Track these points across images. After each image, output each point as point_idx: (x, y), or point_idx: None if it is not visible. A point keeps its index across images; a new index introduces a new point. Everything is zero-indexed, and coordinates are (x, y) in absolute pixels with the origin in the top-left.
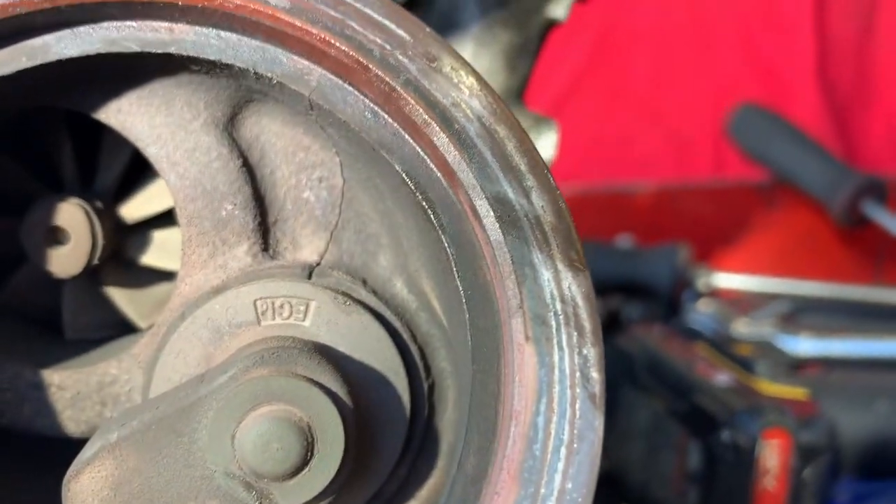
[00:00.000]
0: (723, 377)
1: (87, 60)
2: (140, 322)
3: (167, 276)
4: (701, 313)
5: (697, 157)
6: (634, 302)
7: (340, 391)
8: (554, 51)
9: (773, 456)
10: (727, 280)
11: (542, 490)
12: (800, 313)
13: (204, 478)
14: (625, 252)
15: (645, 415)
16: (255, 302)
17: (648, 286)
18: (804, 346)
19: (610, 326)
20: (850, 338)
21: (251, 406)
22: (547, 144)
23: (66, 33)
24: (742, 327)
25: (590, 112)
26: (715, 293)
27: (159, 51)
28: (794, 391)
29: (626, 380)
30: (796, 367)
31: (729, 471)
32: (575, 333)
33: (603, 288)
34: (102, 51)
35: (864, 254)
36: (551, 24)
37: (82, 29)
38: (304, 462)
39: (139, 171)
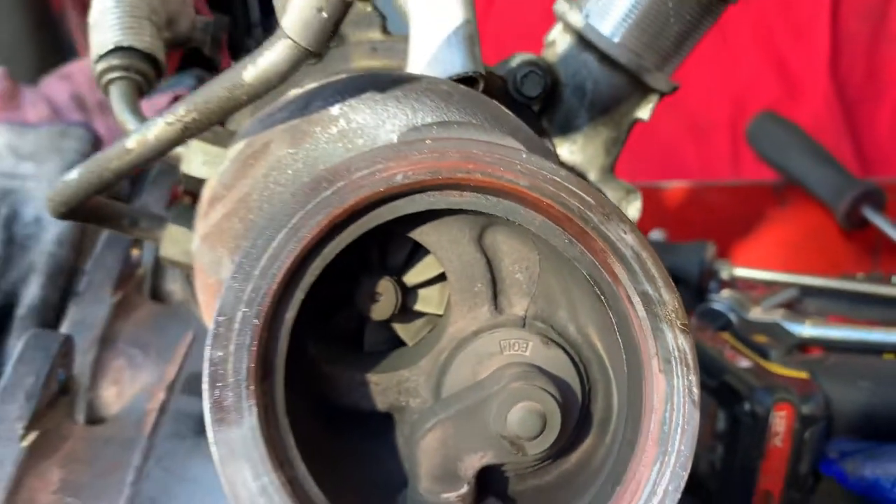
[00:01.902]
0: (745, 362)
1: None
2: (407, 341)
3: (423, 315)
4: (722, 300)
5: (716, 152)
6: None
7: (557, 395)
8: None
9: (781, 423)
10: (744, 272)
11: (669, 448)
12: (804, 301)
13: (487, 438)
14: (658, 246)
15: None
16: (499, 342)
17: (679, 277)
18: (808, 330)
19: None
20: (846, 326)
21: (515, 402)
22: (633, 209)
23: (406, 199)
24: (756, 313)
25: None
26: (733, 282)
27: (454, 207)
28: (798, 373)
29: None
30: (801, 348)
31: (748, 432)
32: (685, 368)
33: None
34: (427, 209)
35: (864, 251)
36: (637, 121)
37: (416, 196)
38: (541, 431)
39: (411, 255)
